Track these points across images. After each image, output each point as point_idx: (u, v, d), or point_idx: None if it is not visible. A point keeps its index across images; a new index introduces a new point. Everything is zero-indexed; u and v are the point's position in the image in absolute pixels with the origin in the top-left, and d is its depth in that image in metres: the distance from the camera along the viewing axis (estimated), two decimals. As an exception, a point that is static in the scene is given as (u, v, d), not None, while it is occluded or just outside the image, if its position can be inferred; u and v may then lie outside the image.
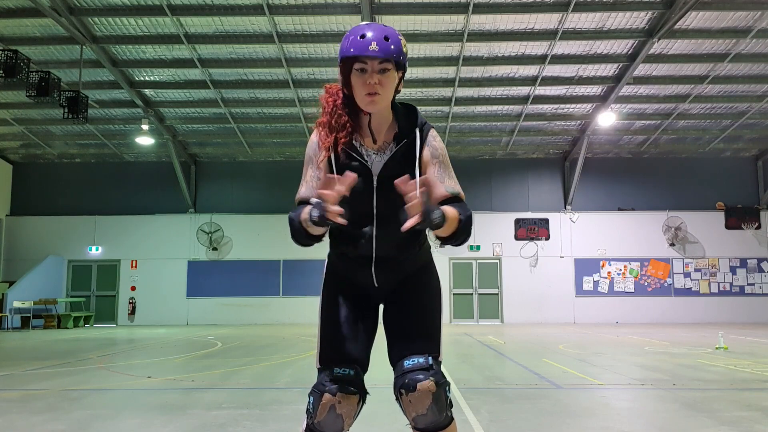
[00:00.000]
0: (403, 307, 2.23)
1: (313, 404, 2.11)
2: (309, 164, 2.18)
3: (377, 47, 1.98)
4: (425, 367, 2.10)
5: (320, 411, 2.09)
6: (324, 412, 2.08)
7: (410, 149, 2.14)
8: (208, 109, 18.02)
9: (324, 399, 2.08)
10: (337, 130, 2.11)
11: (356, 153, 2.12)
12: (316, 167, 2.15)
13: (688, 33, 14.47)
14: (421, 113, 2.24)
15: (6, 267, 20.04)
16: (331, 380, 2.11)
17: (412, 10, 13.70)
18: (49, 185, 20.73)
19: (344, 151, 2.11)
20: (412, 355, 2.13)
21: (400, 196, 1.92)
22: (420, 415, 2.08)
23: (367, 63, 2.01)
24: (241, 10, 13.70)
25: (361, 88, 2.03)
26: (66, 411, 5.11)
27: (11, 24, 13.95)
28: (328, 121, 2.12)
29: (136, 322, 19.82)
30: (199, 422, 4.64)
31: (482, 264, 20.06)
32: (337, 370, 2.12)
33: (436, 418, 2.09)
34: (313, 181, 2.14)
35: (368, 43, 1.98)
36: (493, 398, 5.68)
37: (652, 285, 19.87)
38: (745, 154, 20.64)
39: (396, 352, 2.19)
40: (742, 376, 7.22)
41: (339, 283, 2.26)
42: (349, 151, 2.11)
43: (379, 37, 1.99)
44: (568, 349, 10.65)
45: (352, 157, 2.11)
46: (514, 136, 19.29)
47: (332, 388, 2.09)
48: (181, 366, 8.66)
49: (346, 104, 2.12)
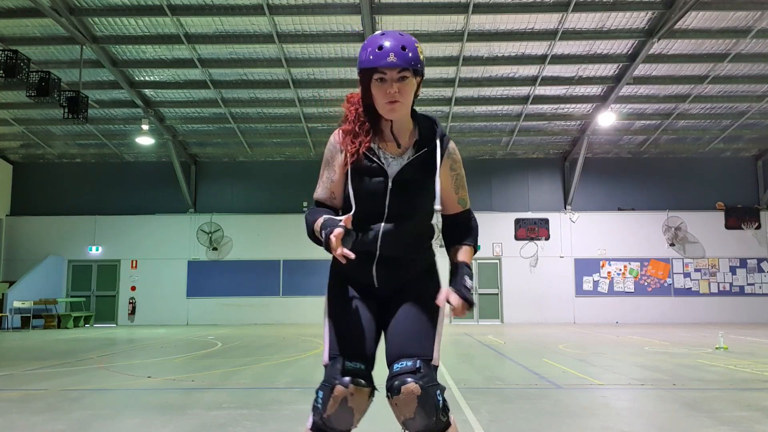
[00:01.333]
0: (400, 311, 2.25)
1: (323, 398, 2.10)
2: (326, 166, 2.26)
3: (395, 58, 2.06)
4: (413, 370, 2.10)
5: (331, 404, 2.08)
6: (336, 405, 2.08)
7: (429, 158, 2.22)
8: (208, 109, 18.02)
9: (336, 391, 2.08)
10: (361, 136, 2.19)
11: (375, 156, 2.20)
12: (333, 170, 2.24)
13: (688, 33, 14.47)
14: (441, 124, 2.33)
15: (6, 267, 20.04)
16: (342, 373, 2.11)
17: (412, 10, 13.69)
18: (49, 185, 20.73)
19: (364, 157, 2.19)
20: (403, 358, 2.15)
21: (412, 199, 2.13)
22: (408, 419, 2.08)
23: (386, 73, 2.08)
24: (241, 10, 13.70)
25: (382, 96, 2.11)
26: (66, 411, 5.11)
27: (11, 24, 13.95)
28: (353, 128, 2.20)
29: (136, 322, 19.83)
30: (199, 422, 4.64)
31: (482, 264, 20.06)
32: (349, 363, 2.13)
33: (426, 423, 2.08)
34: (328, 183, 2.24)
35: (386, 54, 2.06)
36: (493, 398, 5.68)
37: (652, 285, 19.87)
38: (745, 154, 20.64)
39: (389, 355, 2.21)
40: (742, 376, 7.22)
41: (345, 284, 2.29)
42: (368, 154, 2.19)
43: (397, 47, 2.07)
44: (568, 349, 10.65)
45: (370, 160, 2.19)
46: (514, 136, 19.30)
47: (345, 380, 2.09)
48: (181, 366, 8.66)
49: (367, 112, 2.20)
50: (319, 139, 19.69)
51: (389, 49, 2.07)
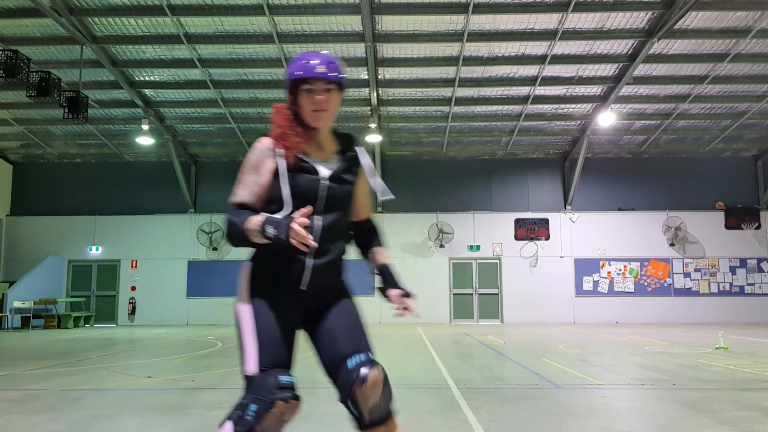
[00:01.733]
0: (338, 314, 2.40)
1: (257, 412, 2.11)
2: (252, 170, 2.34)
3: (324, 69, 2.28)
4: (369, 361, 2.27)
5: (269, 419, 2.11)
6: (274, 420, 2.12)
7: (353, 164, 2.44)
8: (208, 109, 18.03)
9: (277, 408, 2.11)
10: (292, 141, 2.32)
11: (306, 159, 2.35)
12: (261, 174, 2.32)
13: (688, 33, 14.47)
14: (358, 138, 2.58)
15: (6, 267, 20.04)
16: (280, 388, 2.14)
17: (412, 10, 13.69)
18: (49, 185, 20.74)
19: (297, 159, 2.32)
20: (354, 354, 2.29)
21: (342, 200, 2.35)
22: (374, 405, 2.23)
23: (314, 84, 2.28)
24: (241, 10, 13.71)
25: (310, 105, 2.30)
26: (66, 411, 5.11)
27: (11, 24, 13.96)
28: (283, 133, 2.32)
29: (136, 322, 19.83)
30: (199, 422, 4.64)
31: (482, 264, 20.06)
32: (283, 378, 2.18)
33: (389, 406, 2.28)
34: (255, 186, 2.32)
35: (315, 67, 2.28)
36: (493, 398, 5.68)
37: (652, 285, 19.87)
38: (745, 154, 20.64)
39: (337, 359, 2.30)
40: (742, 376, 7.22)
41: (267, 290, 2.34)
42: (301, 158, 2.33)
43: (325, 62, 2.30)
44: (568, 349, 10.65)
45: (304, 162, 2.33)
46: (514, 136, 19.30)
47: (285, 395, 2.14)
48: (181, 366, 8.66)
49: (295, 120, 2.35)
50: (319, 139, 19.70)
51: (318, 64, 2.28)
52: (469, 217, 20.29)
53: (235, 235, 2.26)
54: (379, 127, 17.90)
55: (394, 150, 20.37)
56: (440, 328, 16.88)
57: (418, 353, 10.11)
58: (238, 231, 2.23)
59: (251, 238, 2.21)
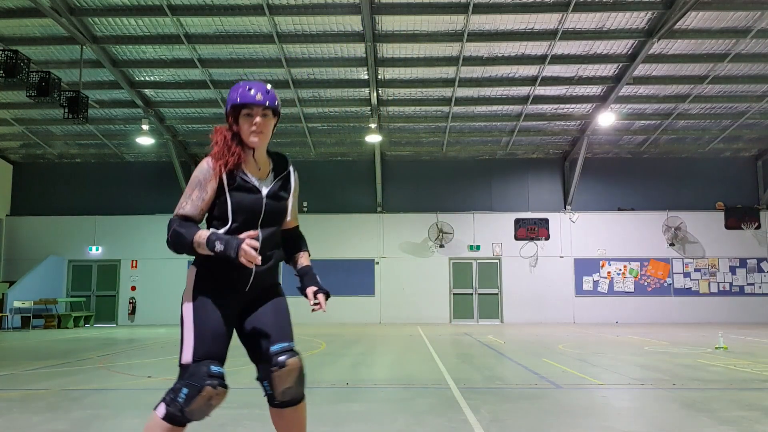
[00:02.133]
0: (268, 308, 2.73)
1: (187, 395, 2.43)
2: (197, 186, 2.60)
3: (261, 97, 2.60)
4: (291, 349, 2.65)
5: (197, 402, 2.43)
6: (201, 403, 2.44)
7: (286, 180, 2.79)
8: (208, 109, 18.03)
9: (205, 392, 2.43)
10: (232, 159, 2.60)
11: (247, 178, 2.64)
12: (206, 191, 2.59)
13: (688, 33, 14.48)
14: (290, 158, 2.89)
15: (6, 267, 20.05)
16: (209, 376, 2.45)
17: (412, 10, 13.69)
18: (49, 185, 20.74)
19: (238, 177, 2.61)
20: (279, 341, 2.65)
21: (278, 213, 2.69)
22: (287, 387, 2.60)
23: (253, 109, 2.61)
24: (241, 10, 13.71)
25: (249, 127, 2.61)
26: (66, 411, 5.12)
27: (11, 24, 13.95)
28: (224, 152, 2.60)
29: (136, 322, 19.83)
30: (199, 422, 4.63)
31: (482, 264, 20.07)
32: (214, 367, 2.49)
33: (301, 390, 2.66)
34: (199, 201, 2.59)
35: (254, 95, 2.60)
36: (493, 398, 5.69)
37: (652, 285, 19.87)
38: (745, 154, 20.64)
39: (263, 344, 2.64)
40: (742, 376, 7.22)
41: (212, 289, 2.63)
42: (242, 176, 2.62)
43: (262, 90, 2.62)
44: (568, 349, 10.65)
45: (246, 180, 2.63)
46: (514, 136, 19.30)
47: (213, 382, 2.45)
48: (181, 366, 8.65)
49: (234, 140, 2.64)
50: (319, 139, 19.70)
51: (256, 92, 2.61)
52: (469, 217, 20.30)
53: (180, 245, 2.57)
54: (379, 127, 17.90)
55: (394, 150, 20.37)
56: (440, 328, 16.89)
57: (418, 353, 10.11)
58: (185, 242, 2.53)
59: (197, 250, 2.51)
